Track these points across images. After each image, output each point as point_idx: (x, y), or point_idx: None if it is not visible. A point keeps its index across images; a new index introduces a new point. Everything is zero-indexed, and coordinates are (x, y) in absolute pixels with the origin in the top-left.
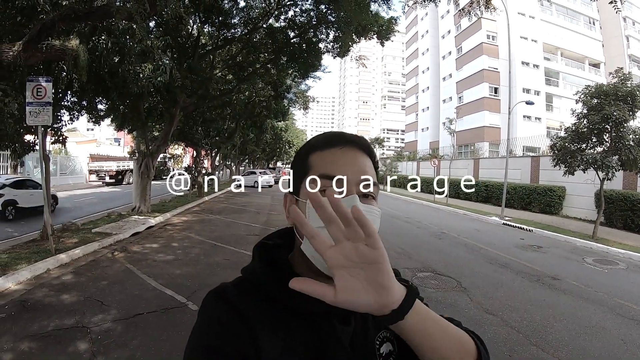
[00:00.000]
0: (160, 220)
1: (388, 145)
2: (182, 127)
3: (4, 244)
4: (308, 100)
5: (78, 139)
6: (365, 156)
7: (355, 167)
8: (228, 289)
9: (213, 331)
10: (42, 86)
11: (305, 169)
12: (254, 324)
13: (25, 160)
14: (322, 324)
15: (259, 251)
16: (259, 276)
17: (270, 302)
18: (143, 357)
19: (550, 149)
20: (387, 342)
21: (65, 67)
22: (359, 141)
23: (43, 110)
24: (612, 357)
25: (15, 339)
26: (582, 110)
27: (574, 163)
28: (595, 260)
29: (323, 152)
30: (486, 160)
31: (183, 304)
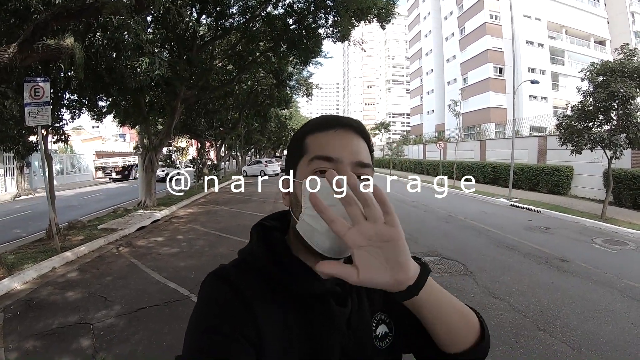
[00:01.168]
0: (165, 214)
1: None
2: (185, 120)
3: (11, 244)
4: (311, 87)
5: (83, 137)
6: (360, 139)
7: (350, 149)
8: (227, 269)
9: (212, 312)
10: (40, 86)
11: (301, 150)
12: (254, 303)
13: (31, 160)
14: (319, 305)
15: (257, 232)
16: (257, 257)
17: (269, 283)
18: (145, 352)
19: (557, 128)
20: (382, 324)
21: (63, 66)
22: (354, 124)
23: (42, 110)
24: (622, 342)
25: (20, 338)
26: (588, 88)
27: (581, 142)
28: (604, 240)
29: (319, 134)
30: (492, 142)
31: (186, 296)
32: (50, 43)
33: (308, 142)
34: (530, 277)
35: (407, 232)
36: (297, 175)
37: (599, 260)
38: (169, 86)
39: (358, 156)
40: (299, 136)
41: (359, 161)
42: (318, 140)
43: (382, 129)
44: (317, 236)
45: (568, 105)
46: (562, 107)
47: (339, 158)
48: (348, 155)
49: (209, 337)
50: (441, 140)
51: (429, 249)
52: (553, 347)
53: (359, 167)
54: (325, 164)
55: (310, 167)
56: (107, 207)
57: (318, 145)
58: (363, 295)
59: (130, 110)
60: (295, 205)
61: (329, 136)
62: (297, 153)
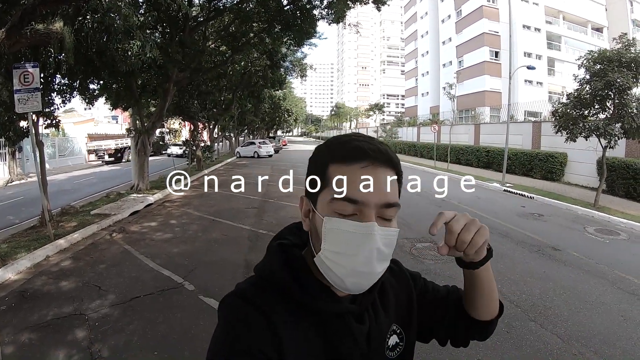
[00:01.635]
0: (159, 197)
1: (388, 111)
2: (178, 102)
3: (4, 232)
4: (305, 68)
5: (75, 120)
6: (390, 172)
7: (378, 189)
8: (248, 289)
9: (239, 334)
10: (29, 72)
11: (324, 179)
12: (278, 325)
13: (23, 145)
14: (339, 324)
15: (278, 252)
16: (279, 277)
17: (288, 302)
18: (140, 342)
19: (552, 115)
20: (394, 335)
21: (52, 50)
22: (383, 158)
23: (32, 96)
24: (612, 334)
25: (15, 330)
26: (584, 76)
27: (576, 130)
28: (596, 229)
29: (344, 167)
30: (487, 126)
31: (180, 284)
32: (39, 28)
33: (331, 173)
34: (522, 265)
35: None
36: (318, 207)
37: (591, 249)
38: (161, 68)
39: (386, 197)
40: (321, 160)
41: (385, 203)
42: (343, 174)
43: (376, 110)
44: (334, 278)
45: (564, 91)
46: (558, 92)
47: (365, 201)
48: (375, 198)
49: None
50: (435, 123)
51: (421, 235)
52: (544, 339)
53: (385, 209)
54: (349, 207)
55: (332, 206)
56: (100, 190)
57: (342, 181)
58: (379, 309)
59: (122, 93)
60: (314, 236)
61: (355, 173)
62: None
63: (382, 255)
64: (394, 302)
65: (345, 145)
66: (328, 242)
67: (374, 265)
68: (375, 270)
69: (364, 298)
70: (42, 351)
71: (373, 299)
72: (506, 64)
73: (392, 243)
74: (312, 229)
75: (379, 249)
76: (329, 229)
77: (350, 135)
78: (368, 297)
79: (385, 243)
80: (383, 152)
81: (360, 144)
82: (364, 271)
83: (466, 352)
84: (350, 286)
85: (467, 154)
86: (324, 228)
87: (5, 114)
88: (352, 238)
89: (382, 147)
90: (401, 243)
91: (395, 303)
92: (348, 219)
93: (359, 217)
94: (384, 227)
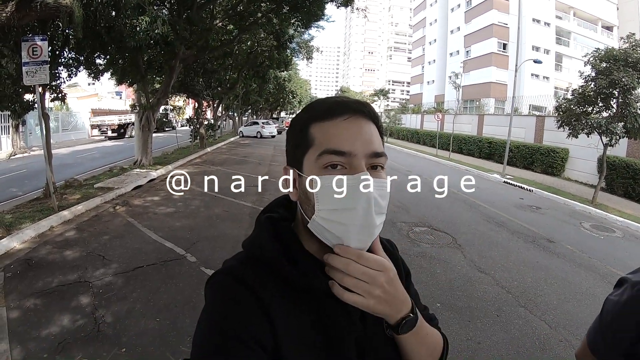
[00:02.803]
0: (161, 173)
1: (393, 97)
2: (183, 79)
3: (8, 204)
4: (312, 50)
5: (79, 94)
6: (371, 124)
7: (363, 140)
8: (237, 267)
9: (229, 315)
10: (38, 45)
11: (307, 141)
12: (269, 303)
13: (26, 119)
14: (332, 301)
15: (265, 224)
16: (268, 253)
17: (280, 279)
18: (142, 309)
19: (556, 110)
20: None
21: (61, 24)
22: (364, 109)
23: (40, 69)
24: None
25: (20, 297)
26: (590, 74)
27: (578, 126)
28: (592, 225)
29: (326, 123)
30: (491, 117)
31: (182, 255)
32: (48, 1)
33: (313, 133)
34: (516, 254)
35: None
36: (305, 170)
37: (585, 244)
38: (168, 45)
39: (372, 146)
40: (301, 124)
41: (373, 152)
42: (325, 130)
43: (381, 95)
44: (333, 239)
45: (569, 87)
46: (564, 88)
47: (352, 151)
48: (361, 147)
49: (224, 343)
50: (439, 112)
51: (419, 220)
52: (532, 324)
53: (374, 158)
54: (337, 159)
55: (320, 162)
56: (102, 165)
57: (326, 136)
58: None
59: (128, 69)
60: (304, 202)
61: (338, 126)
62: (301, 145)
63: (379, 208)
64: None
65: (324, 103)
66: (321, 202)
67: (373, 217)
68: (374, 223)
69: None
70: (47, 316)
71: None
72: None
73: (386, 195)
74: (301, 196)
75: (375, 199)
76: (321, 186)
77: (326, 98)
78: None
79: (380, 194)
80: (362, 104)
81: (338, 99)
82: (363, 224)
83: (455, 331)
84: (351, 244)
85: (469, 144)
86: (315, 187)
87: (12, 87)
88: (347, 191)
89: (361, 101)
90: (399, 226)
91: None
92: (338, 172)
93: (349, 170)
94: (375, 178)
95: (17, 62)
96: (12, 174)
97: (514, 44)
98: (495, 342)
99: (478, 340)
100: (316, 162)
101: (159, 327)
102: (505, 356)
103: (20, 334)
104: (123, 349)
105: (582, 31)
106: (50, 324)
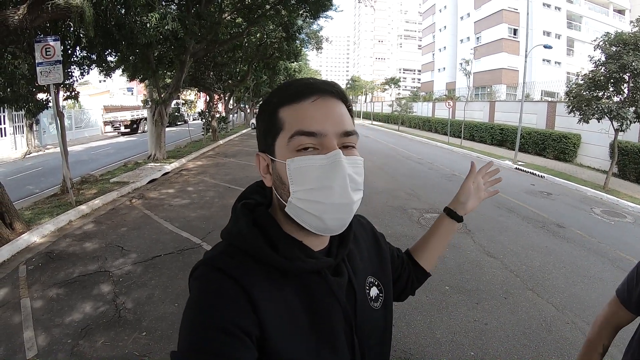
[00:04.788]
0: (175, 166)
1: (404, 85)
2: (194, 73)
3: (26, 200)
4: (321, 40)
5: (91, 92)
6: (340, 103)
7: (334, 120)
8: (217, 257)
9: (212, 306)
10: (51, 45)
11: (277, 126)
12: (253, 293)
13: (40, 118)
14: (316, 279)
15: (242, 211)
16: (248, 240)
17: (262, 265)
18: (161, 295)
19: (566, 96)
20: (373, 287)
21: (72, 24)
22: (332, 89)
23: (53, 68)
24: None
25: (43, 287)
26: (600, 58)
27: (589, 111)
28: (603, 211)
29: (294, 106)
30: (502, 103)
31: (198, 244)
32: (59, 2)
33: (283, 116)
34: (525, 239)
35: (410, 188)
36: (277, 154)
37: (595, 229)
38: (178, 40)
39: (342, 126)
40: (270, 109)
41: (344, 131)
42: (295, 113)
43: (392, 84)
44: (312, 220)
45: (580, 73)
46: (576, 73)
47: (323, 131)
48: (332, 127)
49: (210, 335)
50: (450, 99)
51: (430, 206)
52: (539, 306)
53: (345, 137)
54: (308, 140)
55: (292, 144)
56: (117, 160)
57: (296, 119)
58: (356, 259)
59: (139, 65)
60: (279, 187)
61: (306, 107)
62: (271, 129)
63: (356, 184)
64: (367, 254)
65: (290, 86)
66: (297, 183)
67: (350, 194)
68: (352, 199)
69: (339, 250)
70: (70, 304)
71: (348, 250)
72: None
73: (361, 172)
74: (275, 181)
75: (350, 175)
76: (295, 168)
77: (293, 80)
78: (343, 248)
79: (355, 171)
80: (330, 84)
81: (305, 81)
82: (341, 202)
83: (464, 312)
84: (331, 223)
85: (481, 131)
86: (289, 170)
87: (26, 87)
88: (321, 171)
89: (328, 81)
90: (410, 213)
91: (369, 255)
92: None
93: (321, 150)
94: (349, 156)
95: (29, 63)
96: (28, 172)
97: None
98: (502, 324)
99: (485, 321)
100: (288, 146)
101: (177, 312)
102: (511, 337)
103: (44, 321)
104: (143, 333)
105: (594, 15)
106: (73, 311)
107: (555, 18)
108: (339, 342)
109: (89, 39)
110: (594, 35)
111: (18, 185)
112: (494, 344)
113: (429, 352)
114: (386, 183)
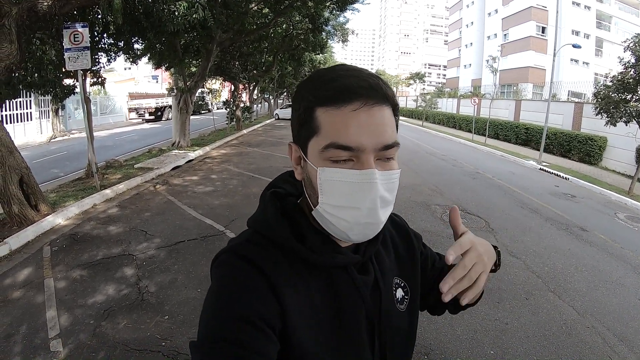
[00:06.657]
0: (199, 154)
1: (429, 81)
2: (219, 62)
3: (51, 183)
4: (347, 33)
5: (116, 79)
6: (385, 108)
7: (373, 132)
8: (243, 245)
9: (236, 296)
10: (79, 32)
11: (312, 125)
12: (276, 281)
13: (65, 103)
14: (342, 275)
15: (271, 200)
16: (275, 229)
17: (287, 256)
18: (184, 280)
19: (594, 97)
20: (399, 289)
21: (100, 11)
22: (376, 93)
23: (81, 54)
24: (626, 315)
25: (67, 268)
26: (629, 60)
27: (617, 114)
28: (627, 216)
29: (333, 112)
30: (528, 102)
31: (221, 232)
32: None
33: (319, 118)
34: (548, 240)
35: (434, 184)
36: (309, 156)
37: (618, 234)
38: (205, 29)
39: (383, 139)
40: (307, 103)
41: (383, 145)
42: (332, 120)
43: (417, 79)
44: (336, 231)
45: (608, 74)
46: (604, 74)
47: (360, 147)
48: (371, 140)
49: (231, 325)
50: (476, 96)
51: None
52: (560, 309)
53: (384, 150)
54: (344, 153)
55: (325, 154)
56: (141, 147)
57: (333, 127)
58: (383, 258)
59: (166, 53)
60: (309, 187)
61: (346, 117)
62: (306, 126)
63: (385, 202)
64: (395, 255)
65: (331, 84)
66: (325, 195)
67: (378, 215)
68: (380, 219)
69: (368, 248)
70: (93, 286)
71: (377, 249)
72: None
73: (395, 187)
74: (305, 178)
75: (382, 196)
76: (325, 180)
77: (335, 69)
78: (372, 247)
79: (387, 188)
80: (375, 87)
81: (348, 81)
82: (368, 222)
83: (485, 311)
84: (354, 237)
85: (506, 130)
86: (319, 180)
87: (53, 72)
88: (352, 189)
89: (373, 80)
90: (433, 209)
91: (398, 255)
92: (344, 166)
93: (356, 163)
94: (384, 171)
95: (57, 49)
96: (54, 155)
97: (553, 28)
98: (522, 324)
99: (506, 321)
100: (321, 153)
101: (200, 297)
102: (531, 338)
103: (68, 302)
104: (165, 317)
105: (624, 15)
106: (96, 293)
107: (585, 17)
108: (361, 341)
109: (117, 26)
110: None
111: (43, 169)
112: (513, 344)
113: (449, 349)
114: (410, 179)
